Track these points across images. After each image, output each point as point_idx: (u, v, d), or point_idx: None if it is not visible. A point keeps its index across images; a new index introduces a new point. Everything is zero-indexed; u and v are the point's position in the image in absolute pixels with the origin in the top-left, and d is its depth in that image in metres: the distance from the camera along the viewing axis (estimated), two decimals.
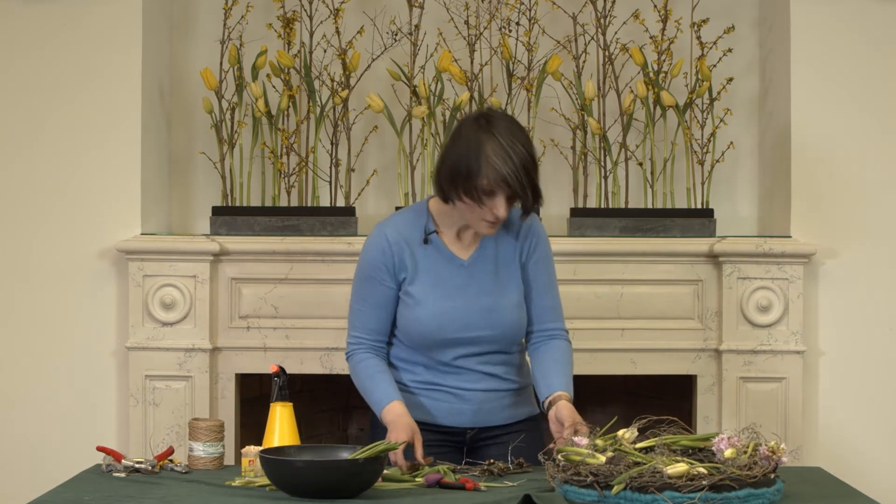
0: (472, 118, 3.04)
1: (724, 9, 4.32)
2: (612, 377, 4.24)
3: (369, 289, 3.14)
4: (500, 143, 2.96)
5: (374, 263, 3.12)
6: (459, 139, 3.01)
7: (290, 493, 2.68)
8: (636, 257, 4.08)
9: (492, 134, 2.97)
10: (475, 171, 2.95)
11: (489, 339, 3.14)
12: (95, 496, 2.71)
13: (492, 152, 2.95)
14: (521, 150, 2.97)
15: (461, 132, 3.03)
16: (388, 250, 3.11)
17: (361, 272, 3.16)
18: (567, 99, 4.26)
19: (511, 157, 2.95)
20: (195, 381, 4.07)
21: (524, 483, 2.86)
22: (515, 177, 2.95)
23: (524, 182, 2.96)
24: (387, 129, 4.27)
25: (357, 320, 3.17)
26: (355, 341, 3.17)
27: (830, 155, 4.14)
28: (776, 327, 4.07)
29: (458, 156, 2.99)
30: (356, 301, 3.17)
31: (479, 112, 3.07)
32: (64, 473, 3.15)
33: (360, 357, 3.15)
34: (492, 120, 3.00)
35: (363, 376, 3.13)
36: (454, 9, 4.22)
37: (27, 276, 4.14)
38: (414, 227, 3.14)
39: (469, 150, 2.97)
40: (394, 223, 3.15)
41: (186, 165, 4.39)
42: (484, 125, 2.99)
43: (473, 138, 2.98)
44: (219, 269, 4.09)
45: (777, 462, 2.64)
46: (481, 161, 2.95)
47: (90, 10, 4.12)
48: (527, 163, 2.97)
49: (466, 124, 3.03)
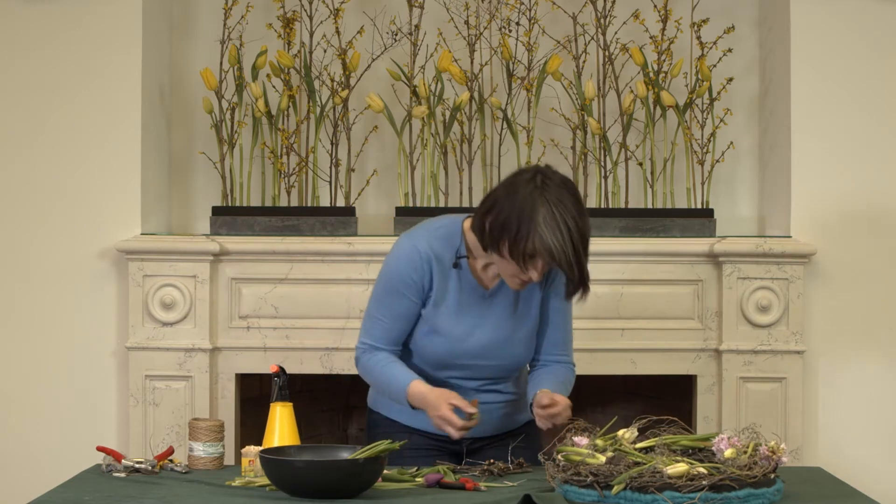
0: (529, 175, 2.93)
1: (724, 9, 4.32)
2: (612, 377, 4.24)
3: (394, 301, 3.07)
4: (554, 213, 2.86)
5: (403, 277, 3.05)
6: (514, 196, 2.90)
7: (290, 493, 2.68)
8: (636, 257, 4.08)
9: (546, 200, 2.87)
10: (523, 235, 2.88)
11: (495, 368, 3.15)
12: (95, 496, 2.71)
13: (542, 220, 2.86)
14: (573, 225, 2.87)
15: (517, 189, 2.91)
16: (421, 266, 3.04)
17: (388, 283, 3.08)
18: (567, 99, 4.26)
19: (561, 230, 2.86)
20: (195, 381, 4.07)
21: (524, 483, 2.86)
22: (563, 251, 2.87)
23: (571, 259, 2.88)
24: (387, 129, 4.27)
25: (374, 329, 3.10)
26: (368, 347, 3.11)
27: (830, 155, 4.14)
28: (776, 327, 4.07)
29: (509, 213, 2.89)
30: (377, 310, 3.10)
31: (537, 169, 2.95)
32: (64, 473, 3.15)
33: (369, 356, 3.10)
34: (548, 183, 2.90)
35: (376, 371, 3.09)
36: (454, 9, 4.22)
37: (27, 276, 4.14)
38: (446, 246, 3.07)
39: (522, 212, 2.88)
40: (427, 239, 3.07)
41: (186, 165, 4.39)
42: (540, 186, 2.89)
43: (528, 200, 2.88)
44: (219, 269, 4.09)
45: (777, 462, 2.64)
46: (531, 227, 2.87)
47: (90, 10, 4.12)
48: (575, 239, 2.88)
49: (523, 181, 2.92)
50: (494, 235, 2.92)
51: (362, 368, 3.14)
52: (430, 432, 3.14)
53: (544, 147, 4.25)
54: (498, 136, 4.23)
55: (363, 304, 4.04)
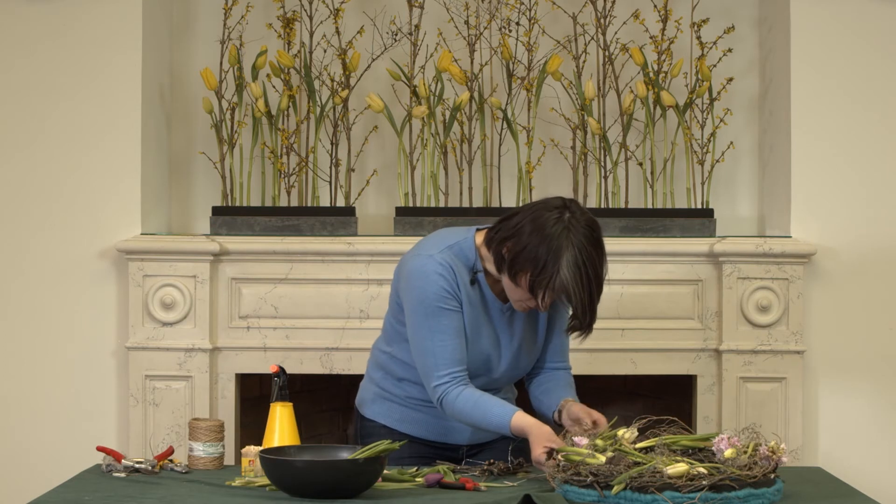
0: (557, 213, 2.91)
1: (724, 9, 4.32)
2: (612, 377, 4.24)
3: (444, 320, 2.99)
4: (579, 257, 2.87)
5: (439, 293, 2.98)
6: (540, 232, 2.89)
7: (290, 493, 2.68)
8: (636, 257, 4.08)
9: (572, 244, 2.87)
10: (547, 275, 2.88)
11: (503, 378, 3.15)
12: (95, 496, 2.71)
13: (566, 264, 2.87)
14: (593, 273, 2.89)
15: (544, 225, 2.90)
16: (451, 277, 2.99)
17: (426, 306, 2.98)
18: (567, 99, 4.26)
19: (583, 276, 2.88)
20: (195, 381, 4.07)
21: (524, 483, 2.86)
22: (580, 297, 2.89)
23: (585, 304, 2.90)
24: (387, 129, 4.27)
25: (442, 356, 2.98)
26: (448, 379, 2.99)
27: (830, 155, 4.14)
28: (776, 327, 4.07)
29: (534, 250, 2.89)
30: (431, 338, 2.99)
31: (564, 204, 2.94)
32: (64, 473, 3.15)
33: (458, 391, 2.99)
34: (574, 224, 2.89)
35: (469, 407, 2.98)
36: (454, 9, 4.22)
37: (27, 276, 4.14)
38: (462, 262, 3.03)
39: (549, 249, 2.87)
40: (441, 255, 3.02)
41: (186, 165, 4.39)
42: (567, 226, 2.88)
43: (555, 240, 2.88)
44: (219, 269, 4.09)
45: (777, 462, 2.65)
46: (556, 267, 2.87)
47: (90, 10, 4.12)
48: (593, 287, 2.90)
49: (551, 219, 2.90)
50: (515, 266, 2.92)
51: (450, 406, 3.00)
52: (427, 440, 3.14)
53: (544, 147, 4.25)
54: (498, 136, 4.23)
55: (363, 304, 4.05)
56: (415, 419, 3.13)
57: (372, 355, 3.25)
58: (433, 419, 3.13)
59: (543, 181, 4.30)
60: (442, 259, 3.00)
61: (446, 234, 3.11)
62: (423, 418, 3.14)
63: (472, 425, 3.02)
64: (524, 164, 4.16)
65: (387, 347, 3.17)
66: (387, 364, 3.17)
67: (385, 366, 3.17)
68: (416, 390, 3.13)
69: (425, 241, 3.10)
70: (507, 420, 2.94)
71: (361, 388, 3.26)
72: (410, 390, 3.14)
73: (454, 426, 3.13)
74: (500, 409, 2.96)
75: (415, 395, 3.13)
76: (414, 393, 3.13)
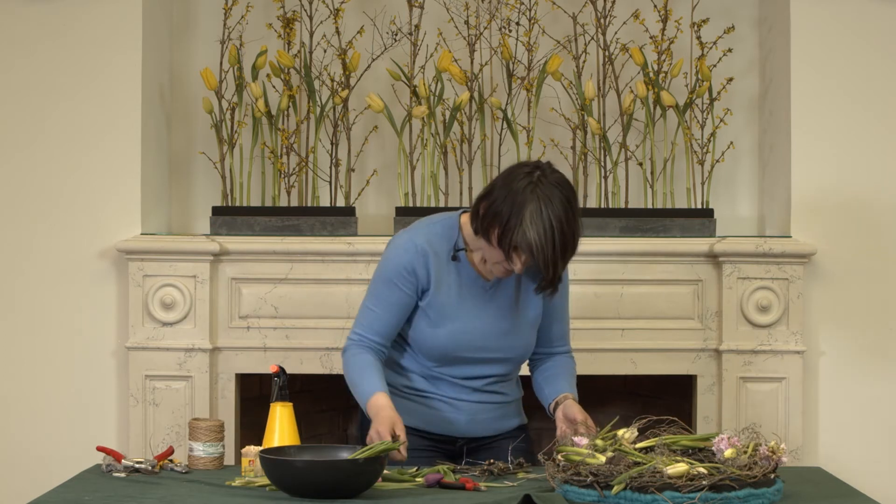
0: (528, 169, 2.95)
1: (724, 9, 4.32)
2: (612, 377, 4.25)
3: (387, 292, 3.09)
4: (544, 211, 2.88)
5: (398, 269, 3.07)
6: (509, 186, 2.93)
7: (290, 493, 2.69)
8: (636, 257, 4.08)
9: (537, 196, 2.89)
10: (511, 227, 2.90)
11: (500, 360, 3.16)
12: (95, 496, 2.71)
13: (529, 217, 2.88)
14: (557, 225, 2.89)
15: (513, 179, 2.93)
16: (417, 258, 3.06)
17: (383, 274, 3.09)
18: (567, 99, 4.26)
19: (546, 230, 2.88)
20: (195, 381, 4.07)
21: (524, 483, 2.86)
22: (541, 249, 2.89)
23: (548, 258, 2.90)
24: (387, 129, 4.27)
25: (365, 319, 3.12)
26: (357, 338, 3.12)
27: (830, 155, 4.14)
28: (776, 327, 4.08)
29: (502, 203, 2.91)
30: (370, 301, 3.12)
31: (537, 164, 2.97)
32: (64, 473, 3.16)
33: (355, 351, 3.10)
34: (543, 180, 2.91)
35: (354, 369, 3.08)
36: (454, 9, 4.22)
37: (27, 276, 4.14)
38: (444, 240, 3.09)
39: (514, 203, 2.89)
40: (424, 233, 3.09)
41: (186, 165, 4.39)
42: (535, 181, 2.91)
43: (521, 193, 2.90)
44: (219, 269, 4.09)
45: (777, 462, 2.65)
46: (519, 220, 2.89)
47: (90, 10, 4.12)
48: (556, 241, 2.89)
49: (521, 174, 2.94)
50: (486, 222, 2.95)
51: (345, 361, 3.12)
52: (426, 431, 3.15)
53: (544, 147, 4.25)
54: (498, 136, 4.23)
55: None
56: (411, 409, 3.14)
57: None
58: (431, 410, 3.15)
59: None
60: (421, 242, 3.07)
61: (435, 216, 3.17)
62: (421, 409, 3.15)
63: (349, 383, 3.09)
64: None
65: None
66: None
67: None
68: (409, 381, 3.15)
69: (420, 221, 3.17)
70: (368, 394, 3.00)
71: None
72: (404, 381, 3.16)
73: (448, 417, 3.14)
74: (371, 382, 3.03)
75: (413, 386, 3.15)
76: (408, 383, 3.15)
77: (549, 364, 3.23)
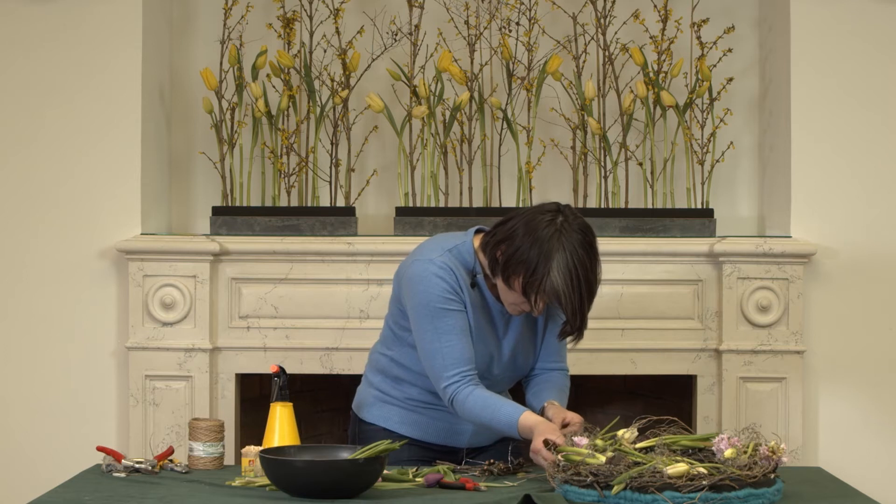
0: (549, 216, 2.93)
1: (724, 9, 4.32)
2: (612, 377, 4.25)
3: (448, 320, 2.99)
4: (570, 260, 2.88)
5: (443, 294, 2.99)
6: (532, 235, 2.91)
7: (290, 493, 2.69)
8: (636, 257, 4.08)
9: (563, 246, 2.89)
10: (538, 276, 2.89)
11: (503, 379, 3.16)
12: (95, 496, 2.71)
13: (557, 267, 2.88)
14: (584, 275, 2.89)
15: (536, 228, 2.91)
16: (451, 277, 3.00)
17: (429, 308, 2.99)
18: (567, 99, 4.26)
19: (573, 280, 2.89)
20: (195, 381, 4.07)
21: (524, 483, 2.86)
22: (569, 300, 2.90)
23: (575, 307, 2.91)
24: (387, 129, 4.27)
25: (450, 356, 2.98)
26: (458, 378, 2.98)
27: (830, 155, 4.14)
28: (776, 327, 4.07)
29: (527, 253, 2.90)
30: (436, 340, 2.99)
31: (558, 208, 2.95)
32: (64, 473, 3.16)
33: (466, 392, 2.98)
34: (566, 227, 2.91)
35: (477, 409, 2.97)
36: (454, 9, 4.22)
37: (27, 276, 4.14)
38: (461, 266, 3.04)
39: (541, 252, 2.89)
40: (441, 259, 3.02)
41: (186, 165, 4.39)
42: (560, 229, 2.90)
43: (546, 243, 2.89)
44: (219, 269, 4.09)
45: (777, 462, 2.65)
46: (546, 269, 2.88)
47: (90, 10, 4.12)
48: (583, 290, 2.90)
49: (543, 221, 2.92)
50: (508, 269, 2.93)
51: (464, 409, 2.99)
52: (427, 442, 3.14)
53: (544, 147, 4.25)
54: (498, 136, 4.23)
55: (363, 304, 4.05)
56: (415, 421, 3.13)
57: (370, 359, 3.24)
58: (433, 421, 3.13)
59: (543, 181, 4.31)
60: (441, 262, 3.01)
61: (444, 238, 3.11)
62: (424, 420, 3.14)
63: (482, 425, 3.01)
64: (524, 164, 4.16)
65: (387, 351, 3.17)
66: (387, 367, 3.16)
67: (385, 369, 3.17)
68: (416, 392, 3.13)
69: (423, 246, 3.11)
70: (515, 419, 2.93)
71: (359, 392, 3.26)
72: (410, 392, 3.14)
73: (454, 428, 3.13)
74: (510, 409, 2.96)
75: (415, 397, 3.13)
76: (414, 395, 3.13)
77: (540, 380, 3.19)
